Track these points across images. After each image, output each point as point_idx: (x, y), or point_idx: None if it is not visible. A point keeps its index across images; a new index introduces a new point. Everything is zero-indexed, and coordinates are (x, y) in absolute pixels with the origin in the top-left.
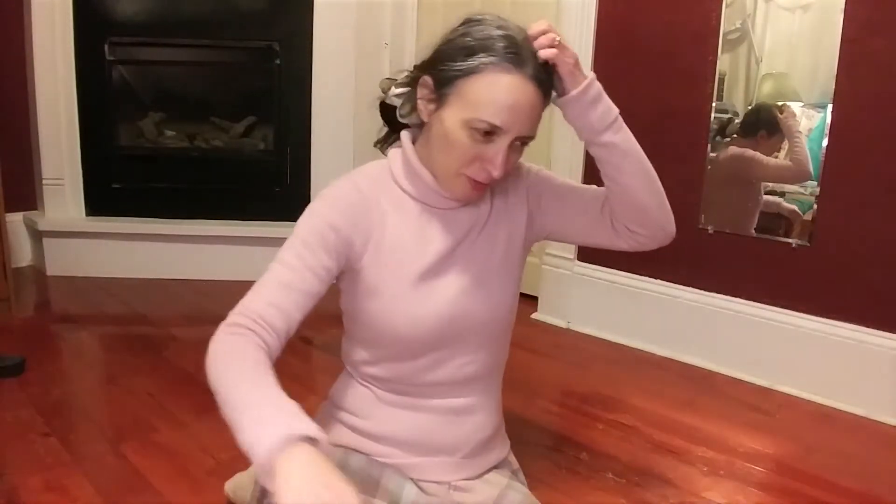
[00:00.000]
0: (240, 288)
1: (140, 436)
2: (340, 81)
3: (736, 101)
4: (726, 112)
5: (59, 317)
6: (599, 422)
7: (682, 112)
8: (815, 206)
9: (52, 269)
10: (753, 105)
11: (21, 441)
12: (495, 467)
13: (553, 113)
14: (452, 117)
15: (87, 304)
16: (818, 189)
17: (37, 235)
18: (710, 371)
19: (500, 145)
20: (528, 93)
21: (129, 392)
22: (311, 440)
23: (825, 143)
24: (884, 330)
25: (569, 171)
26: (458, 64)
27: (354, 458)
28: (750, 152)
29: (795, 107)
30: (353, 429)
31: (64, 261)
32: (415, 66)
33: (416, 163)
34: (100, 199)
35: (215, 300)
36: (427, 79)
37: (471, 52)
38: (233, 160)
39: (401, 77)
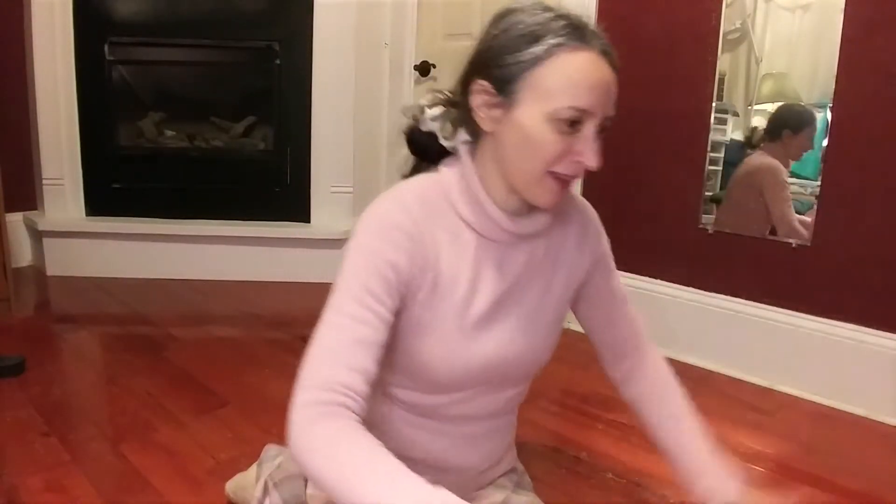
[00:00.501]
0: (240, 288)
1: (140, 436)
2: (340, 81)
3: (736, 101)
4: (726, 112)
5: (59, 317)
6: (599, 422)
7: (682, 112)
8: (816, 206)
9: (52, 269)
10: (777, 106)
11: (21, 441)
12: (503, 474)
13: None
14: (531, 114)
15: (87, 304)
16: (818, 189)
17: (37, 235)
18: (710, 371)
19: (589, 131)
20: (604, 68)
21: (129, 392)
22: None
23: (825, 143)
24: (884, 330)
25: None
26: (523, 54)
27: None
28: (778, 166)
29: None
30: None
31: (64, 261)
32: (461, 77)
33: (476, 186)
34: (100, 199)
35: (215, 300)
36: (483, 83)
37: (533, 38)
38: (233, 160)
39: (429, 98)
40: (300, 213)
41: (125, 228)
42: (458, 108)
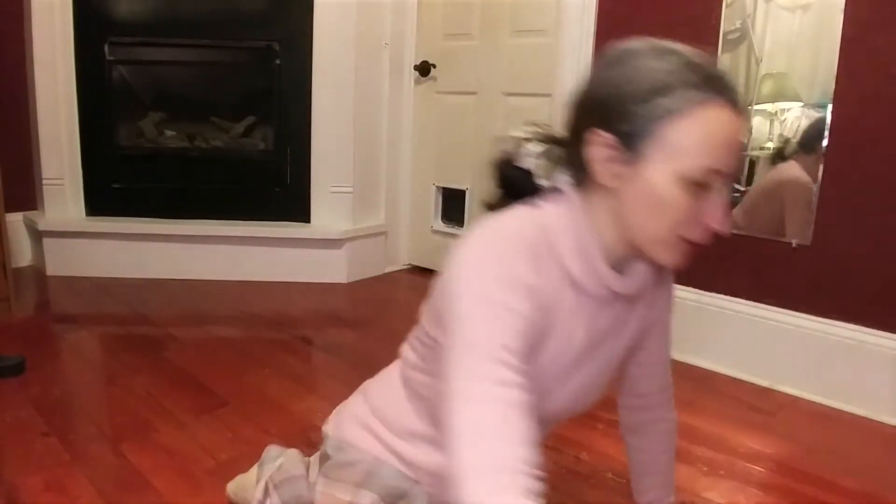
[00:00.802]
0: (240, 288)
1: (140, 436)
2: (340, 81)
3: None
4: None
5: (59, 317)
6: (599, 422)
7: None
8: (816, 207)
9: (52, 269)
10: (814, 119)
11: (21, 441)
12: None
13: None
14: (661, 173)
15: (87, 304)
16: (818, 189)
17: (37, 235)
18: (710, 371)
19: (720, 193)
20: (739, 123)
21: (129, 392)
22: None
23: (825, 143)
24: (884, 330)
25: None
26: (653, 106)
27: (386, 469)
28: (808, 184)
29: (795, 107)
30: (393, 451)
31: (64, 261)
32: (571, 122)
33: (588, 240)
34: (100, 199)
35: (215, 300)
36: (605, 135)
37: (665, 88)
38: (233, 160)
39: (528, 131)
40: (300, 213)
41: (125, 228)
42: (566, 150)
